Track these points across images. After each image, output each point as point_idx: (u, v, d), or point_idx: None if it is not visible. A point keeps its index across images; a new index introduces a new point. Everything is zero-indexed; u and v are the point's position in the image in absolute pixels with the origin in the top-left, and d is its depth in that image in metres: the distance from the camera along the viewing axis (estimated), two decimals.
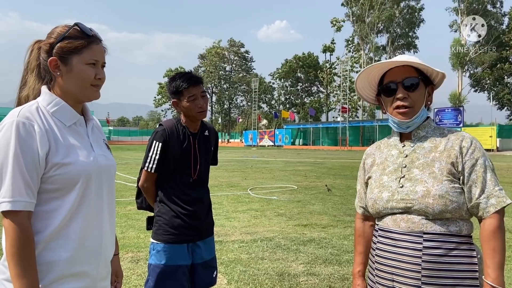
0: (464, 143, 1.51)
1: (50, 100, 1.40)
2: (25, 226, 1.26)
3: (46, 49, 1.41)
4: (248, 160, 24.32)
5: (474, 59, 49.27)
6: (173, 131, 2.43)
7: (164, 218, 2.41)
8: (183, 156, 2.42)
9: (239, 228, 6.35)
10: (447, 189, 1.45)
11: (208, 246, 2.53)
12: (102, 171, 1.45)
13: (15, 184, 1.26)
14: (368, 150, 1.79)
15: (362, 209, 1.77)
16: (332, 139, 57.43)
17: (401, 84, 1.56)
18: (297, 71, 75.77)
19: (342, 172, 16.66)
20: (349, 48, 65.57)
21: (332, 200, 9.17)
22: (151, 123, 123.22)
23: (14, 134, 1.27)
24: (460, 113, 41.73)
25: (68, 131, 1.40)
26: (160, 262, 2.37)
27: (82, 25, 1.42)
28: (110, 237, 1.51)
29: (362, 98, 1.78)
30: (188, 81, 2.38)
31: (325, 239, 5.71)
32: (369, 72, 1.66)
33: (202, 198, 2.50)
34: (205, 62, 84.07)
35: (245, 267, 4.50)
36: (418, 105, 1.57)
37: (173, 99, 2.46)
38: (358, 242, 1.77)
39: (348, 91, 57.79)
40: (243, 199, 9.35)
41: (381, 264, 1.55)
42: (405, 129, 1.60)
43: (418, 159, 1.55)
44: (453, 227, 1.47)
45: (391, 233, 1.53)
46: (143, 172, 2.46)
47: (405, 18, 59.45)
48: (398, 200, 1.51)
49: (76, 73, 1.40)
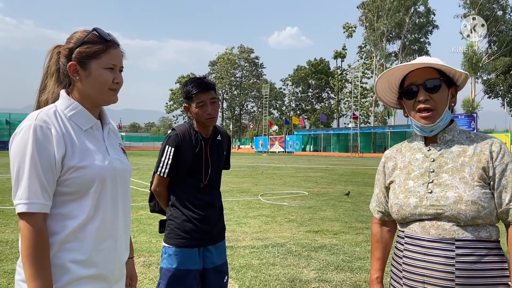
0: (494, 147, 1.47)
1: (68, 104, 1.41)
2: (40, 228, 1.28)
3: (66, 54, 1.43)
4: (259, 166, 24.32)
5: (487, 65, 48.76)
6: (185, 135, 2.44)
7: (176, 222, 2.42)
8: (195, 160, 2.43)
9: (250, 234, 6.34)
10: (479, 194, 1.42)
11: (220, 250, 2.53)
12: (117, 175, 1.46)
13: (32, 186, 1.27)
14: (388, 153, 1.73)
15: (380, 214, 1.72)
16: (343, 146, 57.12)
17: (423, 86, 1.52)
18: (309, 77, 75.73)
19: (353, 178, 16.55)
20: (361, 54, 65.43)
21: (344, 207, 9.11)
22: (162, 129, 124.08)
23: (32, 137, 1.29)
24: (473, 119, 41.18)
25: (84, 135, 1.42)
26: (172, 266, 2.38)
27: (100, 30, 1.44)
28: (125, 240, 1.52)
29: (383, 102, 1.72)
30: (198, 87, 2.38)
31: (337, 245, 5.67)
32: (389, 75, 1.61)
33: (213, 202, 2.50)
34: (216, 68, 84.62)
35: (256, 272, 4.49)
36: (441, 107, 1.52)
37: (185, 103, 2.48)
38: (376, 247, 1.73)
39: (360, 96, 57.56)
40: (254, 204, 9.34)
41: (409, 273, 1.50)
42: (429, 132, 1.55)
43: (446, 163, 1.50)
44: (484, 233, 1.43)
45: (420, 240, 1.48)
46: (156, 176, 2.47)
47: (416, 24, 59.18)
48: (428, 206, 1.47)
49: (94, 77, 1.41)
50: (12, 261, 4.75)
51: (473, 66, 46.57)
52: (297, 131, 64.02)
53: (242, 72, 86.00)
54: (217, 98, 2.50)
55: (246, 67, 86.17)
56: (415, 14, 59.27)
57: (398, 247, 1.59)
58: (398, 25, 57.63)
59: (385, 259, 1.71)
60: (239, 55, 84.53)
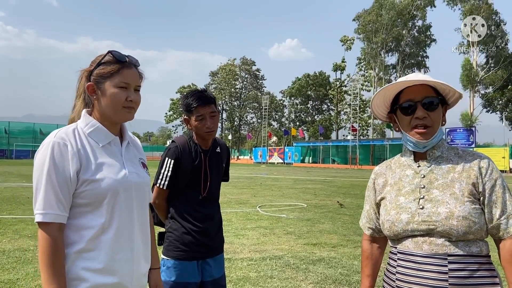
0: (482, 163, 1.50)
1: (87, 122, 1.53)
2: (55, 237, 1.38)
3: (87, 76, 1.55)
4: (258, 177, 24.28)
5: (485, 79, 49.08)
6: (185, 148, 2.45)
7: (175, 235, 2.43)
8: (194, 173, 2.44)
9: (248, 246, 6.31)
10: (470, 210, 1.44)
11: (218, 263, 2.53)
12: (133, 188, 1.54)
13: (47, 198, 1.39)
14: (377, 169, 1.74)
15: (371, 231, 1.73)
16: (342, 158, 57.11)
17: (420, 103, 1.54)
18: (308, 89, 76.05)
19: (352, 190, 16.53)
20: (360, 67, 65.85)
21: (342, 219, 9.08)
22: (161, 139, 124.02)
23: (49, 154, 1.41)
24: (472, 133, 41.36)
25: (100, 150, 1.52)
26: (170, 278, 2.37)
27: (115, 53, 1.55)
28: (143, 251, 1.59)
29: (375, 115, 1.75)
30: (198, 100, 2.39)
31: (335, 258, 5.65)
32: (387, 91, 1.63)
33: (212, 215, 2.50)
34: (217, 79, 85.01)
35: (254, 285, 4.47)
36: (437, 125, 1.55)
37: (185, 116, 2.50)
38: (366, 264, 1.73)
39: (358, 109, 57.76)
40: (252, 216, 9.31)
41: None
42: (422, 148, 1.57)
43: (437, 179, 1.52)
44: (474, 247, 1.45)
45: (413, 256, 1.49)
46: (155, 188, 2.47)
47: (414, 38, 59.71)
48: (420, 222, 1.48)
49: (108, 96, 1.51)
50: (8, 271, 4.72)
51: (471, 80, 46.86)
52: (296, 143, 64.08)
53: (243, 83, 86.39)
54: (217, 111, 2.51)
55: (246, 79, 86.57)
56: (414, 28, 59.86)
57: (391, 263, 1.59)
58: (396, 39, 58.16)
59: (375, 276, 1.71)
60: (240, 66, 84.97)
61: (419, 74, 1.61)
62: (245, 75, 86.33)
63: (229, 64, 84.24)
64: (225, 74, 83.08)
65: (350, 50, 66.99)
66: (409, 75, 1.62)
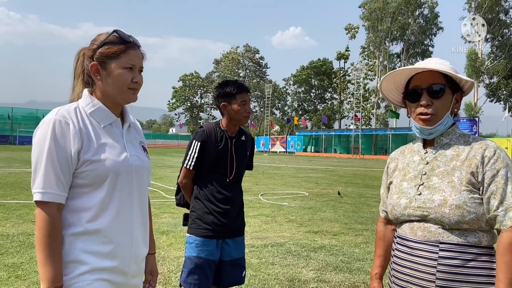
0: (487, 152, 1.46)
1: (89, 102, 1.49)
2: (53, 217, 1.35)
3: (89, 55, 1.50)
4: (260, 166, 24.33)
5: (490, 69, 48.66)
6: (211, 132, 2.63)
7: (197, 214, 2.61)
8: (220, 156, 2.61)
9: (249, 233, 6.35)
10: (465, 199, 1.42)
11: (238, 245, 2.69)
12: (133, 171, 1.51)
13: (47, 177, 1.35)
14: (393, 154, 1.76)
15: (384, 213, 1.76)
16: (344, 147, 57.10)
17: (426, 90, 1.52)
18: (311, 79, 75.65)
19: (354, 180, 16.56)
20: (364, 55, 65.35)
21: (344, 208, 9.12)
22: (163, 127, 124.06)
23: (50, 132, 1.37)
24: (475, 123, 41.14)
25: (102, 131, 1.48)
26: (191, 254, 2.56)
27: (120, 32, 1.51)
28: (142, 235, 1.57)
29: (388, 100, 1.75)
30: (241, 87, 2.62)
31: (336, 246, 5.68)
32: (394, 76, 1.62)
33: (235, 198, 2.66)
34: (220, 67, 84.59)
35: (255, 271, 4.51)
36: (442, 113, 1.53)
37: (222, 102, 2.63)
38: (378, 245, 1.77)
39: (362, 99, 57.51)
40: (254, 204, 9.36)
41: (397, 272, 1.55)
42: (428, 135, 1.57)
43: (438, 166, 1.52)
44: (472, 237, 1.43)
45: (408, 241, 1.51)
46: (183, 169, 2.67)
47: (420, 26, 59.10)
48: (415, 207, 1.50)
49: (114, 76, 1.48)
50: (12, 255, 4.77)
51: (476, 69, 46.47)
52: (299, 132, 64.02)
53: (246, 71, 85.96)
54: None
55: (250, 67, 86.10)
56: (420, 17, 59.20)
57: (392, 247, 1.65)
58: (402, 28, 57.58)
59: (386, 257, 1.74)
60: (243, 54, 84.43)
61: (434, 60, 1.58)
62: (248, 63, 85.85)
63: (232, 52, 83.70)
64: (228, 62, 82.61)
65: (354, 38, 66.48)
66: (423, 61, 1.60)
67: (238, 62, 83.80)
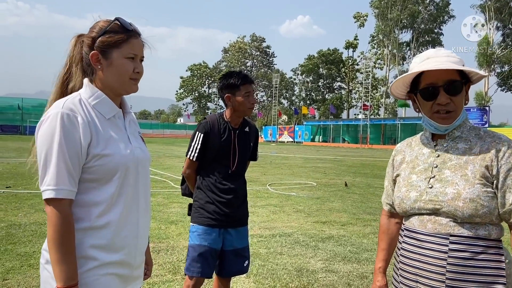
0: (501, 146, 1.44)
1: (92, 93, 1.44)
2: (67, 214, 1.31)
3: (88, 43, 1.44)
4: (268, 156, 24.34)
5: (501, 57, 47.87)
6: (214, 124, 2.65)
7: (200, 203, 2.65)
8: (223, 148, 2.63)
9: (258, 223, 6.38)
10: (479, 193, 1.40)
11: (240, 235, 2.72)
12: (139, 163, 1.49)
13: (59, 173, 1.30)
14: (399, 146, 1.73)
15: (388, 206, 1.74)
16: (353, 137, 56.83)
17: (443, 88, 1.47)
18: (319, 68, 75.09)
19: (362, 170, 16.51)
20: (373, 44, 64.58)
21: (352, 198, 9.11)
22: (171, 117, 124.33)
23: (59, 125, 1.31)
24: (486, 113, 40.64)
25: (107, 124, 1.44)
26: (194, 242, 2.60)
27: (122, 20, 1.45)
28: (146, 228, 1.56)
29: (393, 95, 1.71)
30: (245, 78, 2.61)
31: (344, 236, 5.69)
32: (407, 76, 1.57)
33: (236, 188, 2.69)
34: (227, 57, 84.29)
35: (264, 261, 4.54)
36: (460, 108, 1.50)
37: (226, 93, 2.63)
38: (382, 238, 1.76)
39: (371, 88, 57.01)
40: (262, 194, 9.38)
41: (405, 265, 1.54)
42: (444, 131, 1.54)
43: (450, 159, 1.49)
44: (482, 230, 1.42)
45: (417, 233, 1.50)
46: (186, 159, 2.70)
47: (431, 14, 58.17)
48: (426, 201, 1.48)
49: (115, 66, 1.43)
50: (24, 244, 4.85)
51: (487, 58, 45.73)
52: (306, 121, 63.79)
53: (253, 61, 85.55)
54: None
55: (257, 56, 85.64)
56: (431, 4, 58.22)
57: (399, 240, 1.63)
58: (412, 16, 56.71)
59: (390, 250, 1.73)
60: (250, 43, 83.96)
61: (441, 50, 1.54)
62: (255, 53, 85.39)
63: (239, 42, 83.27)
64: (235, 51, 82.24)
65: (363, 27, 65.60)
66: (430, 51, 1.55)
67: (245, 51, 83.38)
